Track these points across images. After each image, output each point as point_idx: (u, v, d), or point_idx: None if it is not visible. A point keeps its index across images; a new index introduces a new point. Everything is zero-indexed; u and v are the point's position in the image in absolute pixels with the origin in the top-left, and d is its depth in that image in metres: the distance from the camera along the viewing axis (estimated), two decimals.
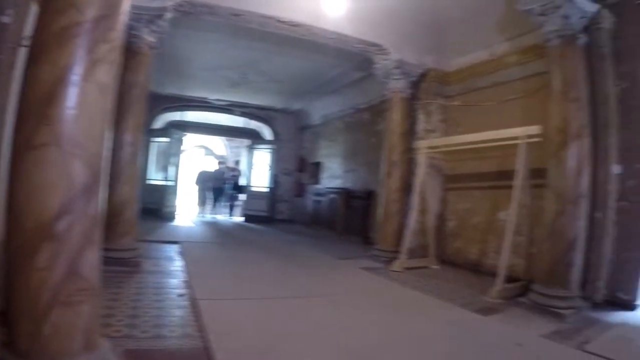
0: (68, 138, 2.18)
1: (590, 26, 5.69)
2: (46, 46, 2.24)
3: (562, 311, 5.04)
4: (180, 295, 4.98)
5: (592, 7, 5.47)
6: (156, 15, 6.35)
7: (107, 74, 2.38)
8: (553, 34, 5.52)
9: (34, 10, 2.79)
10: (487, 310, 5.31)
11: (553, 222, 5.41)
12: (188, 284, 5.47)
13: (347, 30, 7.67)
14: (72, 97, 2.20)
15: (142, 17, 6.18)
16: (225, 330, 3.84)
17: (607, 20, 5.76)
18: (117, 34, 2.46)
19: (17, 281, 2.17)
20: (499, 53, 7.78)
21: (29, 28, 2.74)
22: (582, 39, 5.52)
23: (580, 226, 5.32)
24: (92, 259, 2.33)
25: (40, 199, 2.12)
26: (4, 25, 2.56)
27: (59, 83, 2.18)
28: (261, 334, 3.89)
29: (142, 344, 3.41)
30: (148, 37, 6.41)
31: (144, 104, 6.55)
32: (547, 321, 4.93)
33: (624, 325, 4.96)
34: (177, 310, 4.42)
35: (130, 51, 6.14)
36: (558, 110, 5.46)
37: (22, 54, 2.68)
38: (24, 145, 2.15)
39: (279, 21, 7.27)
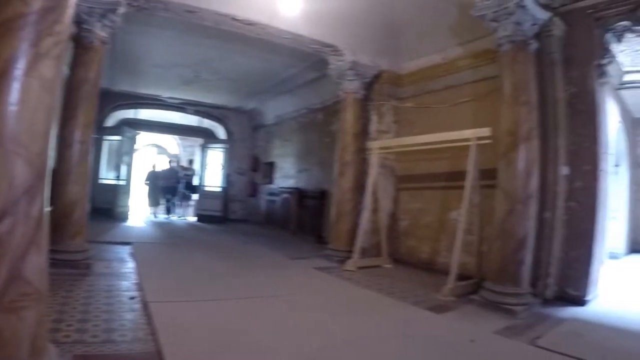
0: (9, 136, 2.04)
1: (542, 33, 5.89)
2: None
3: (513, 308, 5.14)
4: (132, 298, 4.84)
5: (544, 15, 5.66)
6: (109, 9, 6.12)
7: (51, 69, 2.25)
8: (505, 40, 5.63)
9: None
10: (439, 308, 5.37)
11: (503, 221, 5.52)
12: (140, 286, 5.33)
13: (303, 30, 7.65)
14: (13, 92, 2.06)
15: (95, 10, 5.95)
16: (178, 333, 3.76)
17: (558, 28, 5.99)
18: (64, 27, 2.33)
19: None
20: (451, 57, 7.95)
21: None
22: (533, 45, 5.68)
23: (529, 225, 5.45)
24: (36, 262, 2.19)
25: None
26: None
27: (0, 77, 2.05)
28: (214, 336, 3.83)
29: (92, 349, 3.28)
30: (100, 32, 6.15)
31: (95, 101, 6.28)
32: (499, 318, 5.01)
33: (574, 321, 5.10)
34: (128, 314, 4.27)
35: (81, 46, 5.94)
36: (508, 113, 5.57)
37: None
38: None
39: (234, 19, 7.17)
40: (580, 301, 5.72)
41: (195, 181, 17.03)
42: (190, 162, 17.53)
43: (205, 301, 4.97)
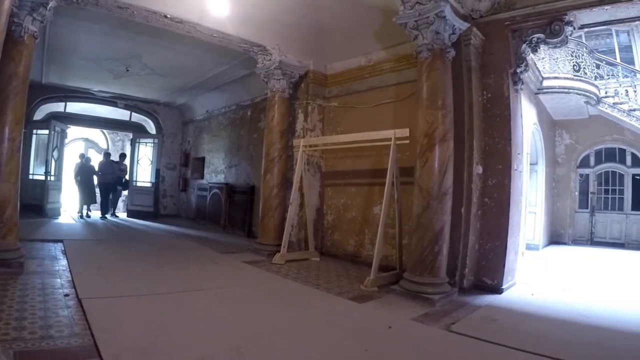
0: None
1: (461, 41, 6.23)
2: None
3: (431, 296, 5.42)
4: (66, 295, 4.86)
5: (462, 25, 5.97)
6: (40, 3, 5.93)
7: None
8: (424, 47, 5.87)
9: None
10: (361, 298, 5.62)
11: (420, 216, 5.78)
12: (72, 284, 5.34)
13: (232, 30, 7.77)
14: None
15: (25, 4, 5.78)
16: (111, 327, 3.88)
17: (477, 37, 6.38)
18: None
19: None
20: (376, 60, 8.28)
21: None
22: (451, 53, 5.94)
23: (445, 220, 5.72)
24: None
25: None
26: None
27: None
28: (146, 328, 3.97)
29: (31, 346, 3.35)
30: (30, 25, 5.93)
31: (25, 96, 6.05)
32: (418, 306, 5.29)
33: (489, 307, 5.45)
34: (63, 310, 4.32)
35: (10, 40, 5.66)
36: (425, 116, 5.82)
37: None
38: None
39: (164, 16, 7.19)
40: (496, 290, 6.14)
41: (126, 176, 15.89)
42: (122, 156, 15.88)
43: (137, 296, 5.06)
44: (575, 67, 10.99)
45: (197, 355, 3.40)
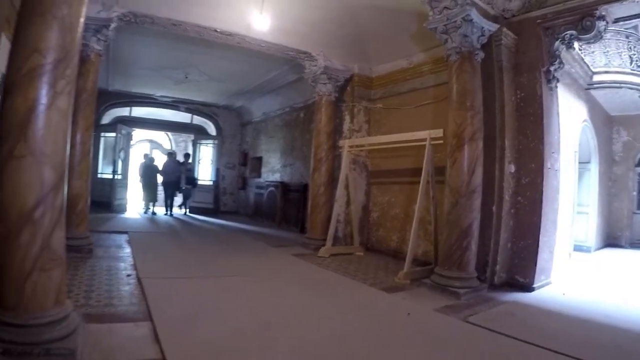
0: (40, 151, 2.93)
1: (492, 42, 6.42)
2: (19, 83, 2.96)
3: (458, 290, 5.62)
4: (128, 275, 5.79)
5: (491, 27, 6.17)
6: (103, 25, 7.00)
7: (65, 102, 3.13)
8: (452, 50, 6.09)
9: (5, 47, 3.54)
10: (392, 289, 5.97)
11: (449, 213, 6.02)
12: (134, 267, 6.26)
13: (277, 39, 8.44)
14: (40, 121, 2.95)
15: (90, 27, 6.77)
16: (163, 300, 4.68)
17: (508, 37, 6.54)
18: (73, 71, 3.21)
19: (5, 256, 2.91)
20: (415, 62, 8.64)
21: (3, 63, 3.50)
22: (480, 55, 6.13)
23: (473, 217, 5.91)
24: (59, 237, 3.11)
25: (21, 195, 2.87)
26: None
27: (31, 111, 2.92)
28: (193, 302, 4.73)
29: (96, 310, 4.24)
30: (96, 45, 7.06)
31: (93, 106, 7.22)
32: (444, 298, 5.55)
33: (514, 303, 5.57)
34: (125, 287, 5.23)
35: (79, 58, 6.79)
36: (454, 117, 6.06)
37: None
38: (8, 156, 2.89)
39: (214, 31, 8.01)
40: (527, 288, 6.21)
41: (195, 175, 16.80)
42: (187, 156, 16.74)
43: (189, 278, 5.89)
44: (631, 59, 10.37)
45: (232, 326, 4.07)
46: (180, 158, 16.61)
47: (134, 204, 16.73)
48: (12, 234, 2.89)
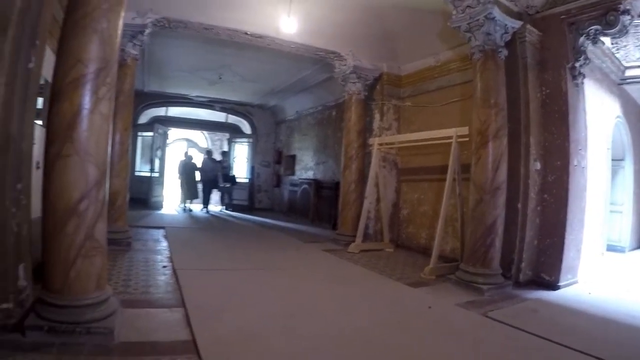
0: (84, 150, 3.36)
1: (516, 39, 6.46)
2: (65, 90, 3.40)
3: (482, 286, 5.74)
4: (164, 266, 6.26)
5: (515, 24, 6.23)
6: (138, 31, 7.50)
7: (107, 107, 3.56)
8: (476, 49, 6.19)
9: (49, 56, 3.98)
10: (417, 284, 6.15)
11: (473, 210, 6.14)
12: (170, 259, 6.72)
13: (307, 40, 8.73)
14: (85, 124, 3.38)
15: (126, 33, 7.25)
16: (196, 289, 5.11)
17: (532, 34, 6.58)
18: (112, 78, 3.63)
19: (52, 244, 3.35)
20: (443, 60, 8.71)
21: (46, 71, 3.95)
22: (503, 52, 6.17)
23: (497, 214, 5.98)
24: (102, 228, 3.55)
25: (68, 190, 3.31)
26: (29, 69, 3.68)
27: (76, 115, 3.35)
28: (224, 292, 5.15)
29: (134, 297, 4.70)
30: (132, 50, 7.57)
31: (131, 108, 7.75)
32: (467, 294, 5.67)
33: (537, 301, 5.60)
34: (160, 277, 5.70)
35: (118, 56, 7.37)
36: (478, 114, 6.15)
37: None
38: (55, 155, 3.33)
39: (244, 33, 8.38)
40: (552, 286, 6.20)
41: (232, 172, 17.26)
42: (224, 153, 17.33)
43: (222, 270, 6.33)
44: None
45: (258, 313, 4.42)
46: (217, 156, 17.08)
47: (170, 201, 17.31)
48: (59, 225, 3.34)
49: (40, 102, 4.86)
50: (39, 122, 4.65)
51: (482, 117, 6.10)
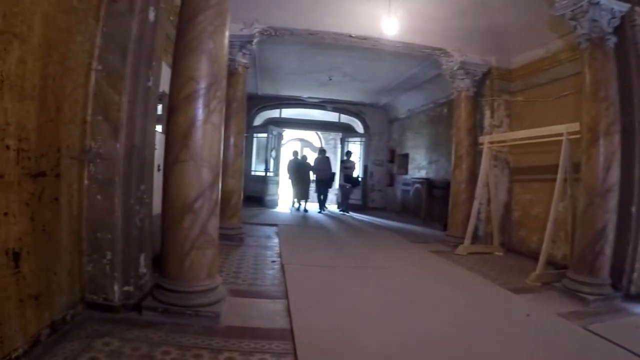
0: (199, 156, 4.02)
1: (626, 24, 5.90)
2: (180, 105, 4.08)
3: (587, 296, 5.43)
4: (273, 261, 6.92)
5: (622, 7, 5.75)
6: (246, 41, 8.31)
7: (218, 118, 4.20)
8: (582, 37, 5.88)
9: (165, 71, 4.70)
10: (520, 290, 6.03)
11: (583, 213, 5.82)
12: (279, 255, 7.36)
13: (411, 38, 8.94)
14: (199, 133, 4.03)
15: (235, 43, 8.10)
16: (299, 282, 5.67)
17: None
18: (222, 92, 4.25)
19: (170, 237, 4.06)
20: (553, 50, 8.31)
21: (162, 87, 4.70)
22: (612, 40, 5.78)
23: (607, 218, 5.63)
24: (214, 224, 4.20)
25: (184, 191, 3.99)
26: (149, 87, 4.41)
27: (191, 126, 4.01)
28: (323, 285, 5.66)
29: (242, 288, 5.38)
30: (241, 59, 8.39)
31: (243, 113, 8.55)
32: (571, 304, 5.44)
33: None
34: (269, 271, 6.34)
35: (228, 72, 8.01)
36: (588, 109, 5.83)
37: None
38: (174, 160, 4.02)
39: (349, 36, 8.85)
40: None
41: (356, 173, 16.91)
42: (348, 154, 16.87)
43: (325, 266, 6.83)
44: None
45: (354, 308, 4.81)
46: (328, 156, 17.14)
47: (284, 200, 18.05)
48: (177, 221, 4.03)
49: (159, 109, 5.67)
50: (159, 126, 5.40)
51: (592, 112, 5.80)
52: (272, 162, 16.87)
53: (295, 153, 17.34)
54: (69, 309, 3.78)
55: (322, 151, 17.16)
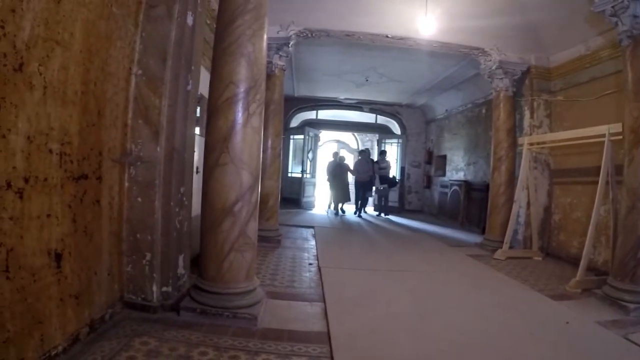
0: (239, 159, 4.06)
1: None
2: (220, 108, 4.13)
3: (628, 305, 5.26)
4: (310, 264, 6.95)
5: None
6: (283, 43, 8.38)
7: (257, 121, 4.24)
8: (623, 34, 5.69)
9: (203, 74, 4.75)
10: (559, 297, 5.91)
11: (625, 217, 5.65)
12: (316, 257, 7.40)
13: (448, 38, 8.86)
14: (239, 136, 4.08)
15: (272, 46, 8.17)
16: (336, 285, 5.69)
17: None
18: (261, 95, 4.29)
19: (209, 239, 4.11)
20: (593, 47, 8.07)
21: (201, 90, 4.75)
22: None
23: None
24: (253, 227, 4.24)
25: (224, 193, 4.03)
26: (188, 91, 4.48)
27: (231, 129, 4.06)
28: (360, 288, 5.65)
29: (279, 289, 5.42)
30: (278, 61, 8.47)
31: (281, 115, 8.62)
32: (611, 312, 5.30)
33: None
34: (306, 273, 6.37)
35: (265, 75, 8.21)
36: (630, 109, 5.68)
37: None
38: (214, 163, 4.07)
39: (386, 37, 8.81)
40: None
41: (391, 173, 16.42)
42: (382, 153, 16.45)
43: (361, 269, 6.82)
44: None
45: (389, 311, 4.84)
46: (372, 156, 17.30)
47: (322, 201, 18.05)
48: (216, 223, 4.08)
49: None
50: (197, 129, 5.47)
51: (635, 113, 5.63)
52: (308, 163, 16.97)
53: (335, 154, 16.83)
54: (108, 308, 3.88)
55: (362, 152, 16.97)
